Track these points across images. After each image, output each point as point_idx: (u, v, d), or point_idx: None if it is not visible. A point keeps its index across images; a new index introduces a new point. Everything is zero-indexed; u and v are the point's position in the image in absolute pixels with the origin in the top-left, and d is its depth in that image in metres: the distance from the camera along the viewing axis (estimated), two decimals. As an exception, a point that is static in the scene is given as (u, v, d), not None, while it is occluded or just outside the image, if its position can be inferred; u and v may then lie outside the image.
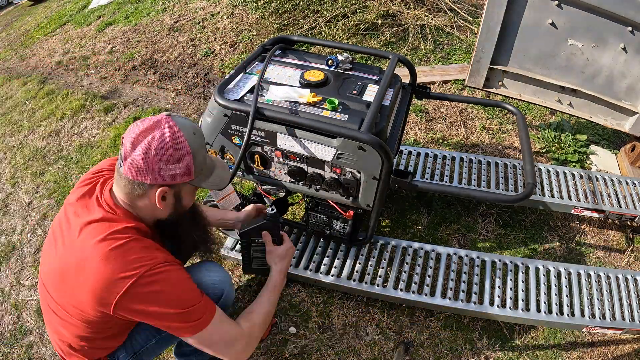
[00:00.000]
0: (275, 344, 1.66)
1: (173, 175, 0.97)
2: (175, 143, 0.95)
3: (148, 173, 0.94)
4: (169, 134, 0.94)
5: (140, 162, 0.93)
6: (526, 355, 1.60)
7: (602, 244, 1.94)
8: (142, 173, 0.94)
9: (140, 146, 0.92)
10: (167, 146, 0.94)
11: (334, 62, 1.48)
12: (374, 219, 1.56)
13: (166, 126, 0.95)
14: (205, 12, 4.20)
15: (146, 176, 0.94)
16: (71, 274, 0.97)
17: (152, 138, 0.93)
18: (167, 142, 0.94)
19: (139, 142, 0.93)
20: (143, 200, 1.00)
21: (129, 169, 0.94)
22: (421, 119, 2.63)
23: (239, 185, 2.33)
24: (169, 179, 0.97)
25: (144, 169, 0.93)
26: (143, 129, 0.94)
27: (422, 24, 3.36)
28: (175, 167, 0.96)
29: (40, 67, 4.19)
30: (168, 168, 0.95)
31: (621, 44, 1.66)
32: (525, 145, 1.44)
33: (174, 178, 0.97)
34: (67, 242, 1.00)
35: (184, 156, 0.96)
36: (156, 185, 0.97)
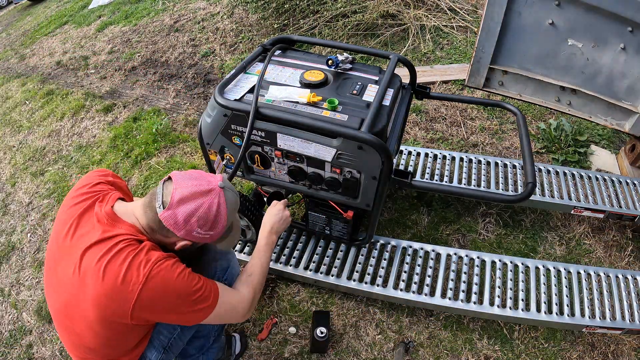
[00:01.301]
0: (275, 344, 1.66)
1: (201, 238, 1.04)
2: (217, 218, 1.02)
3: (182, 230, 1.00)
4: (216, 208, 1.01)
5: (181, 220, 0.99)
6: (526, 356, 1.60)
7: (602, 244, 1.94)
8: (177, 227, 1.00)
9: (187, 206, 0.98)
10: (210, 218, 1.01)
11: (334, 62, 1.48)
12: (374, 219, 1.56)
13: (216, 199, 1.02)
14: (205, 12, 4.20)
15: (179, 231, 1.00)
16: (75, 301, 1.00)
17: (201, 205, 0.99)
18: (212, 215, 1.01)
19: (187, 200, 0.99)
20: (163, 238, 1.05)
21: (167, 218, 0.99)
22: (421, 119, 2.63)
23: (238, 185, 2.33)
24: (196, 239, 1.04)
25: (181, 226, 0.99)
26: (195, 192, 1.00)
27: (422, 24, 3.36)
28: (207, 234, 1.03)
29: (40, 67, 4.19)
30: (200, 233, 1.02)
31: (621, 44, 1.66)
32: (525, 145, 1.44)
33: (200, 239, 1.04)
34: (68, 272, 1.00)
35: (218, 229, 1.04)
36: (183, 239, 1.03)
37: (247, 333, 1.70)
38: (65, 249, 1.03)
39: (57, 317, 1.07)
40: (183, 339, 1.26)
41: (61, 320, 1.07)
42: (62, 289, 1.02)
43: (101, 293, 0.95)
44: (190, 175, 1.04)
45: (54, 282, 1.06)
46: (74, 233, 1.03)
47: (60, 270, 1.03)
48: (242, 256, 1.82)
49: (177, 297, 1.00)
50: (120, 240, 0.99)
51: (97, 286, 0.95)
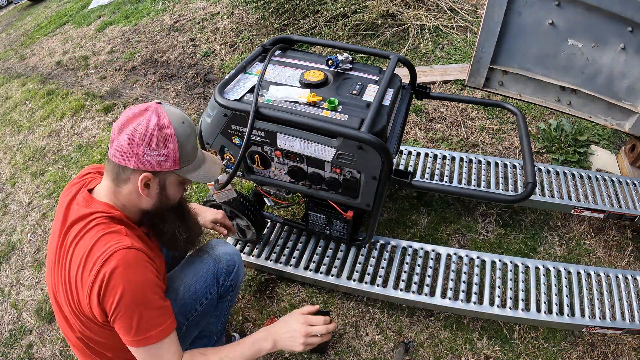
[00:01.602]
0: (275, 344, 1.66)
1: (157, 162, 0.96)
2: (161, 129, 0.94)
3: (132, 157, 0.94)
4: (156, 120, 0.94)
5: (125, 146, 0.93)
6: (526, 356, 1.59)
7: (602, 244, 1.94)
8: (126, 156, 0.94)
9: (126, 130, 0.93)
10: (152, 131, 0.94)
11: (334, 62, 1.48)
12: (374, 219, 1.56)
13: (154, 113, 0.95)
14: (205, 12, 4.20)
15: (130, 160, 0.94)
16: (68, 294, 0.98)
17: (139, 123, 0.94)
18: (153, 128, 0.94)
19: (126, 126, 0.94)
20: (127, 186, 0.99)
21: (114, 152, 0.95)
22: (421, 119, 2.63)
23: (238, 185, 2.33)
24: (153, 165, 0.96)
25: (128, 152, 0.94)
26: (131, 115, 0.95)
27: (422, 24, 3.36)
28: (159, 154, 0.95)
29: (40, 67, 4.19)
30: (152, 154, 0.95)
31: (621, 44, 1.66)
32: (525, 145, 1.44)
33: (157, 165, 0.96)
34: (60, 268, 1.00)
35: (168, 143, 0.96)
36: (140, 170, 0.96)
37: (247, 333, 1.70)
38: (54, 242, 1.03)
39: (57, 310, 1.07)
40: (189, 337, 1.25)
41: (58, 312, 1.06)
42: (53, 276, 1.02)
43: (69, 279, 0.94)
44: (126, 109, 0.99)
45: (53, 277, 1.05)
46: (64, 222, 1.02)
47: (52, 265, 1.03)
48: (242, 256, 1.82)
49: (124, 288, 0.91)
50: (93, 218, 0.96)
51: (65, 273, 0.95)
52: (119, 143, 0.94)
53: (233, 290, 1.37)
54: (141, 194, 0.99)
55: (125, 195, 1.01)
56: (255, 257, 1.81)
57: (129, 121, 0.94)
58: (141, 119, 0.94)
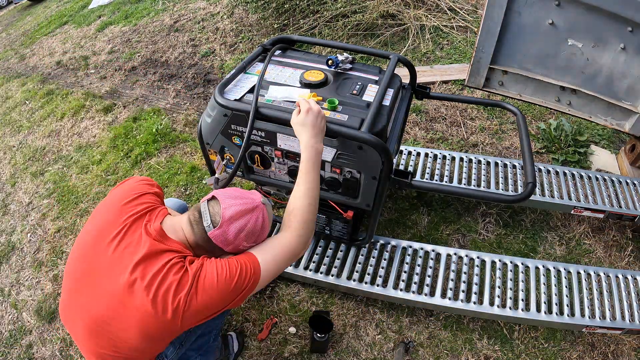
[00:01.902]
0: (275, 344, 1.66)
1: (244, 248, 1.10)
2: (262, 231, 1.10)
3: (231, 245, 1.07)
4: (261, 223, 1.09)
5: (231, 237, 1.06)
6: (526, 356, 1.60)
7: (602, 244, 1.94)
8: (226, 243, 1.06)
9: (236, 224, 1.05)
10: (257, 232, 1.09)
11: (334, 62, 1.48)
12: (374, 219, 1.56)
13: (261, 215, 1.09)
14: (205, 12, 4.20)
15: (227, 246, 1.07)
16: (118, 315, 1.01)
17: (248, 221, 1.07)
18: (258, 229, 1.09)
19: (237, 218, 1.05)
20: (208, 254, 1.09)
21: (218, 237, 1.05)
22: (421, 119, 2.63)
23: (239, 186, 2.33)
24: (240, 250, 1.10)
25: (231, 242, 1.06)
26: (244, 210, 1.07)
27: (422, 24, 3.36)
28: (250, 245, 1.11)
29: (40, 67, 4.19)
30: (246, 246, 1.10)
31: (621, 44, 1.66)
32: (525, 145, 1.44)
33: (243, 250, 1.11)
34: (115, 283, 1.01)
35: (260, 240, 1.12)
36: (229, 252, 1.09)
37: (247, 333, 1.70)
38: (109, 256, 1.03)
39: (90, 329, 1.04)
40: (196, 331, 1.28)
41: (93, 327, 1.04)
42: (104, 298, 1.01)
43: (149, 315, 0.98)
44: (233, 194, 1.10)
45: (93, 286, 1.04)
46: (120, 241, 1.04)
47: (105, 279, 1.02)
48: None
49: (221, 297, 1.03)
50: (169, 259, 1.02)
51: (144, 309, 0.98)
52: (226, 233, 1.05)
53: None
54: None
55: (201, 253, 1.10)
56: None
57: (242, 214, 1.06)
58: (250, 217, 1.07)
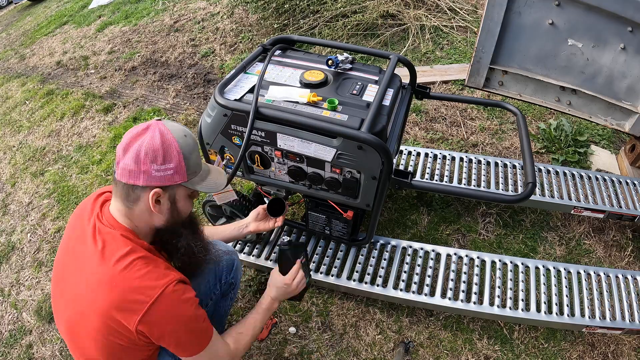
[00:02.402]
0: (275, 344, 1.66)
1: (165, 177, 0.97)
2: (165, 144, 0.96)
3: (140, 174, 0.95)
4: (159, 135, 0.96)
5: (132, 165, 0.94)
6: (526, 356, 1.60)
7: (602, 244, 1.94)
8: (134, 175, 0.95)
9: (131, 149, 0.95)
10: (157, 147, 0.95)
11: (334, 62, 1.48)
12: (374, 219, 1.56)
13: (156, 129, 0.97)
14: (205, 12, 4.20)
15: (138, 178, 0.96)
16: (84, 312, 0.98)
17: (143, 141, 0.95)
18: (157, 143, 0.95)
19: (130, 146, 0.95)
20: (138, 205, 1.00)
21: (122, 173, 0.96)
22: (421, 119, 2.63)
23: (238, 185, 2.33)
24: (161, 180, 0.97)
25: (135, 170, 0.95)
26: (134, 135, 0.97)
27: (422, 24, 3.36)
28: (166, 168, 0.97)
29: (40, 67, 4.19)
30: (159, 169, 0.96)
31: (621, 44, 1.66)
32: (525, 145, 1.44)
33: (165, 179, 0.98)
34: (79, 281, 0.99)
35: (174, 156, 0.97)
36: (149, 187, 0.97)
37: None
38: (76, 257, 1.02)
39: (67, 331, 1.05)
40: None
41: (70, 334, 1.04)
42: (73, 300, 1.00)
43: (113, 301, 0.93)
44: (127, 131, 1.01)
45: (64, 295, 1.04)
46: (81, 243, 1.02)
47: (71, 281, 1.01)
48: (242, 256, 1.82)
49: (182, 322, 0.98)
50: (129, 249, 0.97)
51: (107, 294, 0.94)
52: (125, 163, 0.95)
53: (234, 288, 1.42)
54: (153, 211, 1.00)
55: (137, 215, 1.02)
56: (255, 257, 1.81)
57: (132, 140, 0.95)
58: (144, 136, 0.95)
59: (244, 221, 1.53)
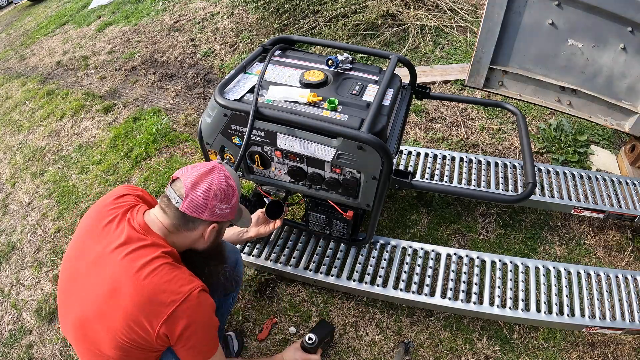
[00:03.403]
0: (275, 344, 1.66)
1: (224, 214, 1.10)
2: (229, 186, 1.10)
3: (205, 210, 1.06)
4: (225, 179, 1.09)
5: (201, 200, 1.05)
6: (526, 356, 1.60)
7: (602, 244, 1.94)
8: (200, 210, 1.05)
9: (201, 186, 1.05)
10: (224, 189, 1.08)
11: (334, 62, 1.48)
12: (374, 219, 1.56)
13: (221, 172, 1.10)
14: (205, 12, 4.20)
15: (203, 212, 1.06)
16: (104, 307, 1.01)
17: (212, 181, 1.07)
18: (224, 186, 1.08)
19: (199, 183, 1.05)
20: (190, 233, 1.10)
21: (189, 205, 1.05)
22: (421, 119, 2.63)
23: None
24: (221, 217, 1.10)
25: (202, 206, 1.05)
26: (202, 173, 1.07)
27: (422, 24, 3.36)
28: (226, 207, 1.10)
29: (40, 67, 4.19)
30: (222, 207, 1.09)
31: (621, 44, 1.66)
32: (525, 145, 1.44)
33: (224, 216, 1.11)
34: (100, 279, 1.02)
35: (233, 198, 1.12)
36: (209, 221, 1.09)
37: (247, 333, 1.70)
38: (91, 255, 1.05)
39: (79, 327, 1.06)
40: None
41: (81, 329, 1.05)
42: (91, 298, 1.03)
43: (136, 303, 0.97)
44: (189, 166, 1.11)
45: (78, 290, 1.06)
46: (101, 241, 1.05)
47: (89, 279, 1.04)
48: (242, 256, 1.82)
49: (202, 326, 1.05)
50: (159, 254, 1.03)
51: (133, 296, 0.98)
52: (195, 199, 1.04)
53: (237, 286, 1.45)
54: (204, 240, 1.13)
55: (183, 236, 1.11)
56: (255, 257, 1.81)
57: (201, 178, 1.06)
58: (212, 176, 1.07)
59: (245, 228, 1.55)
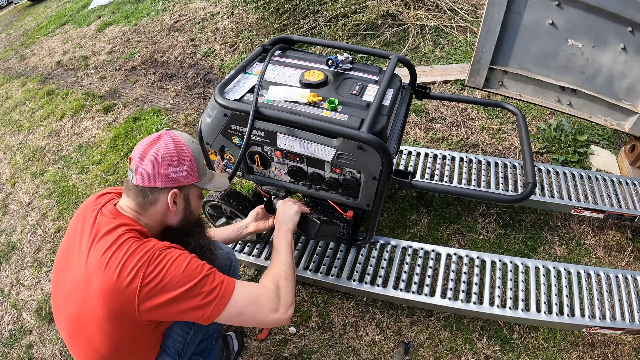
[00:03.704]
0: (275, 344, 1.66)
1: (180, 177, 1.06)
2: (178, 148, 1.06)
3: (158, 177, 1.03)
4: (172, 141, 1.06)
5: (150, 169, 1.03)
6: (526, 356, 1.60)
7: (602, 244, 1.94)
8: (153, 178, 1.03)
9: (148, 156, 1.03)
10: (172, 151, 1.05)
11: (334, 62, 1.48)
12: (374, 219, 1.56)
13: (168, 137, 1.06)
14: (205, 12, 4.20)
15: (157, 180, 1.04)
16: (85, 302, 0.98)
17: (158, 148, 1.04)
18: (171, 148, 1.05)
19: (146, 153, 1.03)
20: (155, 206, 1.07)
21: (141, 177, 1.03)
22: (421, 119, 2.63)
23: (238, 185, 2.33)
24: (178, 181, 1.06)
25: (154, 174, 1.03)
26: (147, 143, 1.05)
27: (422, 24, 3.36)
28: (181, 169, 1.06)
29: (40, 67, 4.19)
30: (175, 170, 1.05)
31: (621, 44, 1.66)
32: (525, 145, 1.44)
33: (181, 180, 1.07)
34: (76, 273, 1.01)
35: (187, 158, 1.07)
36: (167, 188, 1.05)
37: (247, 333, 1.70)
38: (74, 253, 1.05)
39: (69, 326, 1.05)
40: (195, 341, 1.26)
41: (73, 328, 1.05)
42: (73, 294, 1.01)
43: (107, 284, 0.94)
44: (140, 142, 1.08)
45: (64, 291, 1.05)
46: (80, 238, 1.05)
47: (70, 276, 1.03)
48: (242, 256, 1.82)
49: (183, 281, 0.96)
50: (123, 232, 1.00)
51: (100, 279, 0.94)
52: (144, 167, 1.03)
53: None
54: (170, 210, 1.08)
55: (150, 216, 1.08)
56: (255, 257, 1.81)
57: (148, 148, 1.04)
58: (158, 144, 1.04)
59: (244, 222, 1.54)
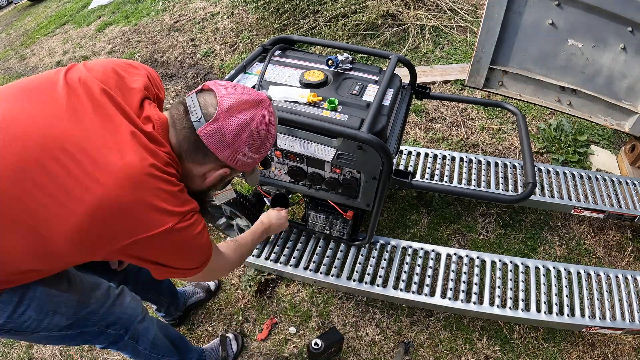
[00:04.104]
0: (275, 344, 1.66)
1: (244, 163, 0.85)
2: (268, 135, 0.85)
3: (228, 148, 0.81)
4: (267, 122, 0.84)
5: (230, 135, 0.79)
6: (526, 356, 1.60)
7: (602, 244, 1.94)
8: (223, 144, 0.80)
9: (238, 117, 0.79)
10: (262, 134, 0.84)
11: (334, 62, 1.48)
12: (374, 219, 1.56)
13: (268, 112, 0.85)
14: (205, 12, 4.20)
15: (224, 150, 0.81)
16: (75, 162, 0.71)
17: (253, 117, 0.81)
18: (263, 130, 0.83)
19: (237, 112, 0.79)
20: (194, 166, 0.84)
21: (212, 133, 0.78)
22: (421, 119, 2.63)
23: (238, 185, 2.33)
24: (239, 164, 0.85)
25: (229, 142, 0.80)
26: (246, 100, 0.81)
27: (422, 24, 3.36)
28: (252, 156, 0.85)
29: (40, 67, 4.19)
30: (247, 153, 0.84)
31: (621, 44, 1.66)
32: (525, 145, 1.44)
33: (243, 165, 0.86)
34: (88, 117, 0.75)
35: (265, 149, 0.87)
36: (222, 163, 0.84)
37: (247, 333, 1.70)
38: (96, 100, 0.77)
39: None
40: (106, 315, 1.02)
41: None
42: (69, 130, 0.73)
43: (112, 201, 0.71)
44: (231, 84, 0.84)
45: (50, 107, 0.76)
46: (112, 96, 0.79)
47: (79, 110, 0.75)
48: (242, 256, 1.82)
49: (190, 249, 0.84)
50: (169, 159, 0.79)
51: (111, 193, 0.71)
52: (224, 128, 0.78)
53: None
54: (203, 179, 0.87)
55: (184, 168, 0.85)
56: (255, 257, 1.81)
57: (243, 107, 0.80)
58: (256, 112, 0.82)
59: None
